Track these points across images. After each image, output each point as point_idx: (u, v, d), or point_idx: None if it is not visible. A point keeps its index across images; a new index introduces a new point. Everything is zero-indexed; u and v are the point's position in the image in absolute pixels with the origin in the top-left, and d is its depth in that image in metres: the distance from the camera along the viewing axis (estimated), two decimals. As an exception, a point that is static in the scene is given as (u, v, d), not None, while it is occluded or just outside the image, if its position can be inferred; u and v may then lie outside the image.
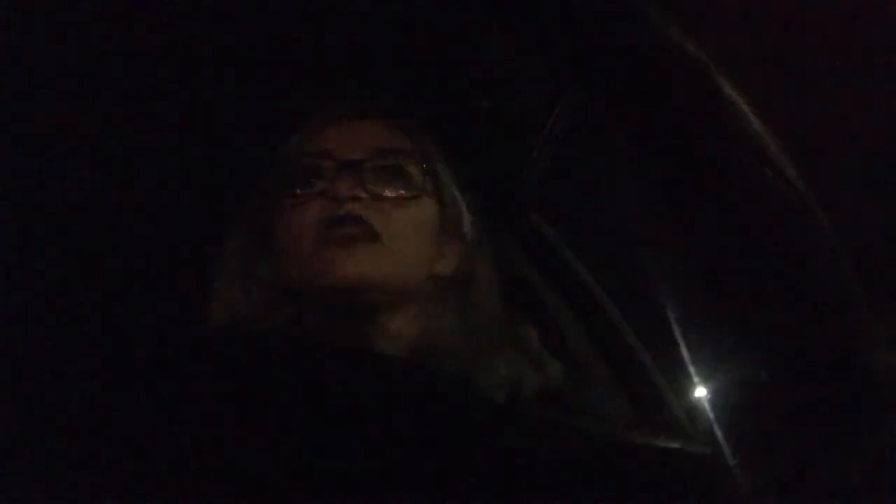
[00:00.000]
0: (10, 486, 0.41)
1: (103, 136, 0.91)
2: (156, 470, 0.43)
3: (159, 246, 0.93)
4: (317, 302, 0.83)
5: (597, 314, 1.04)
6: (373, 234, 0.81)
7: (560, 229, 1.10)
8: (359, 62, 0.96)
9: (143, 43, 0.87)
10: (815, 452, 0.63)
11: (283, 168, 0.86)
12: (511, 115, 1.04)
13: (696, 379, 0.89)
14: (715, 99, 0.63)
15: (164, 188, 0.96)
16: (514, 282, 0.96)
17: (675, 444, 0.82)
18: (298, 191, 0.84)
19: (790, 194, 0.65)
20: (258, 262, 0.87)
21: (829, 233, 0.64)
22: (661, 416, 0.90)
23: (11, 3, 0.76)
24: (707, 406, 0.79)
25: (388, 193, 0.84)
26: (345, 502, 0.44)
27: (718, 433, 0.78)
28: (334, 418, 0.48)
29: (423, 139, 0.89)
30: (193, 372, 0.49)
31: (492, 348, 0.85)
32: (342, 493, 0.45)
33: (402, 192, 0.85)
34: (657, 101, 0.65)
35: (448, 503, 0.45)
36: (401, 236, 0.83)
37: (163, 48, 0.88)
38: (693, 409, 0.88)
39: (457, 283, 0.87)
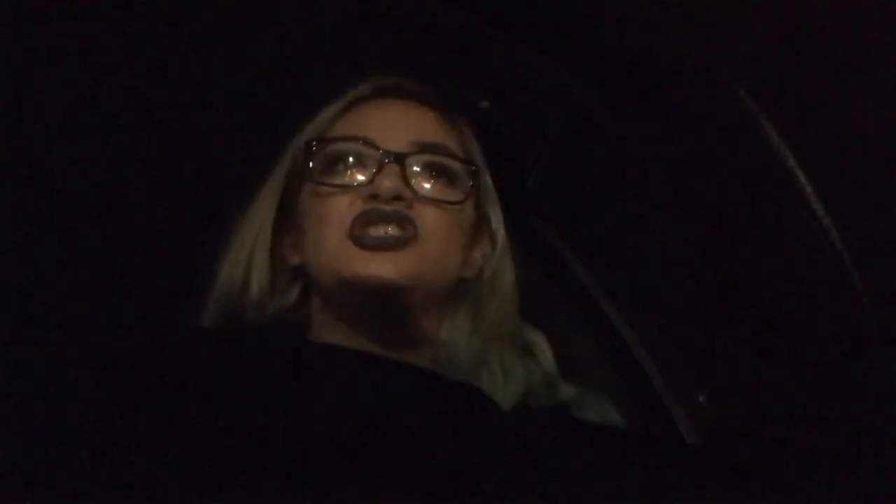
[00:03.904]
0: (8, 485, 0.41)
1: (117, 113, 0.89)
2: (151, 469, 0.43)
3: (167, 230, 0.92)
4: (335, 294, 0.78)
5: (599, 318, 1.04)
6: (413, 236, 0.76)
7: (562, 231, 1.10)
8: (368, 48, 0.92)
9: (163, 9, 0.85)
10: (815, 453, 0.63)
11: (316, 149, 0.80)
12: (512, 115, 1.04)
13: (698, 383, 0.89)
14: (728, 104, 0.63)
15: (178, 166, 0.94)
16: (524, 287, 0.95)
17: (676, 449, 0.82)
18: (334, 178, 0.79)
19: (796, 201, 0.65)
20: (275, 241, 0.82)
21: (832, 233, 0.64)
22: (664, 421, 0.90)
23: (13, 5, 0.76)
24: (710, 411, 0.79)
25: (434, 195, 0.78)
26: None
27: (719, 439, 0.77)
28: (331, 422, 0.48)
29: (466, 134, 0.85)
30: (190, 370, 0.48)
31: (503, 359, 0.82)
32: (341, 497, 0.45)
33: (448, 195, 0.79)
34: (665, 103, 0.65)
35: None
36: (440, 240, 0.78)
37: (184, 15, 0.86)
38: (695, 414, 0.88)
39: (478, 285, 0.84)
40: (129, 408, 0.44)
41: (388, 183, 0.76)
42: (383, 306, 0.77)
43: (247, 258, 0.82)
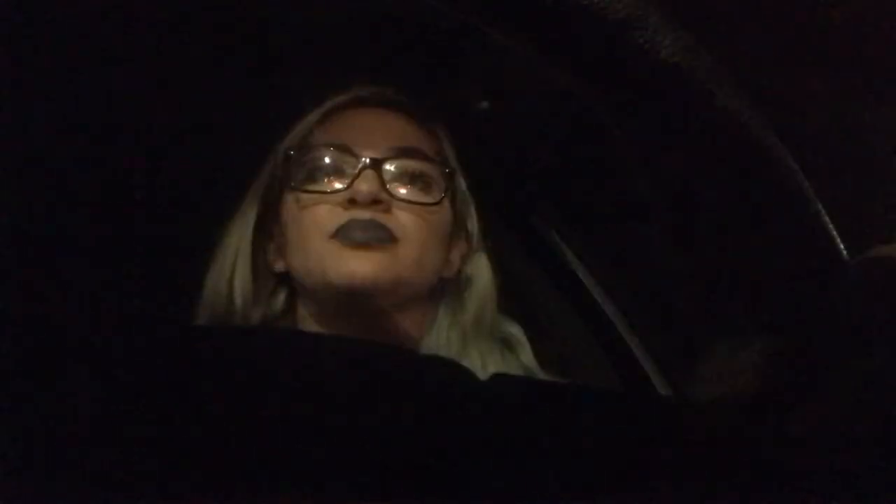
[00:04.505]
0: (7, 485, 0.41)
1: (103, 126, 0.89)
2: (150, 468, 0.43)
3: (155, 238, 0.92)
4: (321, 297, 0.80)
5: (598, 317, 1.04)
6: (391, 238, 0.78)
7: (560, 230, 1.10)
8: (367, 48, 0.93)
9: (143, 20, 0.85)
10: (815, 452, 0.63)
11: (295, 157, 0.82)
12: (511, 114, 1.04)
13: (698, 382, 0.89)
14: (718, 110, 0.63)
15: (162, 177, 0.95)
16: (511, 284, 0.96)
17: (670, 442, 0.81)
18: (313, 186, 0.80)
19: (796, 200, 0.65)
20: (259, 248, 0.84)
21: (833, 234, 0.64)
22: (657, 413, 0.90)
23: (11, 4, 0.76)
24: (709, 409, 0.79)
25: (410, 197, 0.80)
26: (344, 500, 0.44)
27: (718, 438, 0.77)
28: (328, 412, 0.48)
29: (441, 139, 0.86)
30: (184, 369, 0.48)
31: (482, 350, 0.84)
32: (341, 491, 0.45)
33: (424, 198, 0.81)
34: (664, 103, 0.65)
35: (450, 497, 0.45)
36: (418, 242, 0.80)
37: (164, 22, 0.86)
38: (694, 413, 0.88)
39: (457, 284, 0.86)
40: (128, 407, 0.45)
41: (365, 187, 0.78)
42: (363, 306, 0.79)
43: (230, 266, 0.83)
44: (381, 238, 0.77)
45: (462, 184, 0.87)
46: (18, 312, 0.47)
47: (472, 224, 0.88)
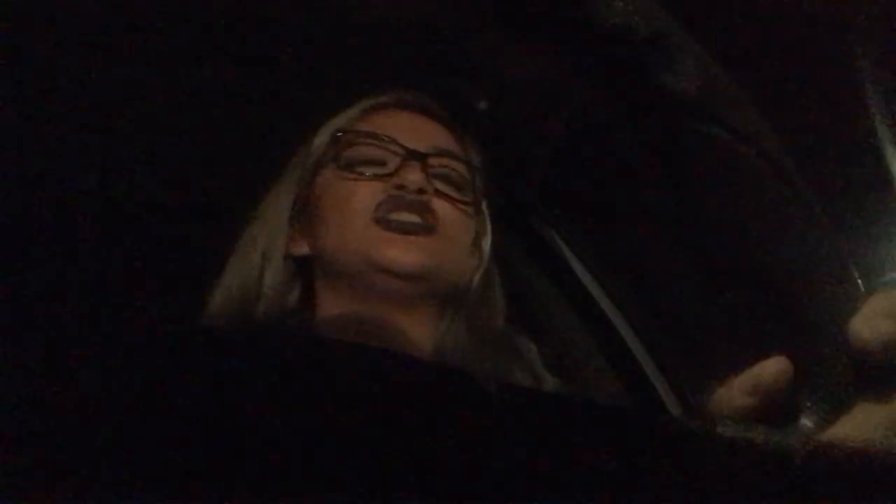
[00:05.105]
0: (7, 486, 0.41)
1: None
2: (146, 470, 0.43)
3: (158, 238, 0.93)
4: (355, 278, 0.80)
5: (598, 317, 1.04)
6: (433, 225, 0.80)
7: (562, 231, 1.10)
8: (368, 48, 0.94)
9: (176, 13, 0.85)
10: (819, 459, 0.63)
11: (344, 139, 0.84)
12: (512, 115, 1.04)
13: (699, 383, 0.89)
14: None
15: (165, 175, 0.95)
16: (511, 285, 0.96)
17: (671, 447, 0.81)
18: (359, 168, 0.82)
19: (795, 201, 0.65)
20: (282, 231, 0.84)
21: (834, 236, 0.64)
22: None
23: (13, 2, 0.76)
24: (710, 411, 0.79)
25: (450, 193, 0.83)
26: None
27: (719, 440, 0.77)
28: (332, 415, 0.48)
29: (474, 151, 0.89)
30: (189, 371, 0.48)
31: (488, 356, 0.85)
32: (343, 494, 0.45)
33: (461, 197, 0.84)
34: (662, 104, 0.65)
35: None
36: (456, 235, 0.82)
37: (197, 20, 0.87)
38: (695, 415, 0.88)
39: (472, 296, 0.86)
40: (128, 407, 0.45)
41: (413, 176, 0.80)
42: (398, 291, 0.79)
43: (261, 254, 0.83)
44: (425, 224, 0.79)
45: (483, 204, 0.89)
46: (19, 313, 0.47)
47: (486, 241, 0.89)
